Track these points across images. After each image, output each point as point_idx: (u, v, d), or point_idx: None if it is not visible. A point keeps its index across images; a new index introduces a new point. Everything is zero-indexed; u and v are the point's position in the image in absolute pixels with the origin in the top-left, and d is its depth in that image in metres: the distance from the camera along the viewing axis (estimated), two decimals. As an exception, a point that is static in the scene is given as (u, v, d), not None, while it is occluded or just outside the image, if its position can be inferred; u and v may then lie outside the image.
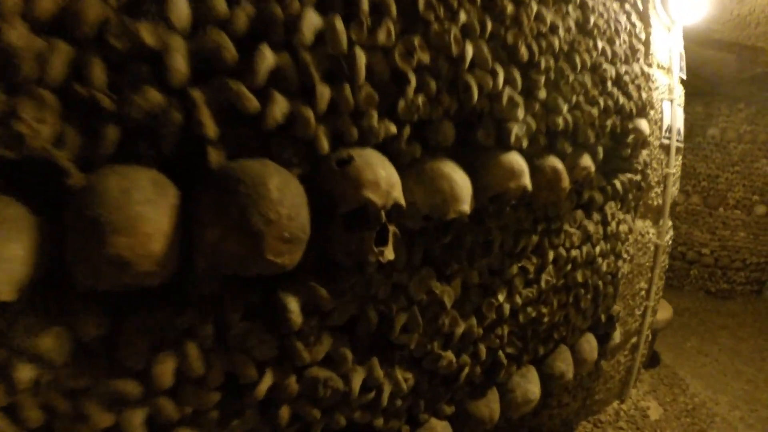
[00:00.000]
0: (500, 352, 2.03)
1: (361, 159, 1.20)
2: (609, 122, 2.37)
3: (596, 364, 3.00)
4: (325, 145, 1.20)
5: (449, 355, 1.74)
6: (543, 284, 2.16)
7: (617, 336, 3.08)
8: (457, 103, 1.49)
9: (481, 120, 1.62)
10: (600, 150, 2.35)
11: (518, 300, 2.03)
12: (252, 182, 1.00)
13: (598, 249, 2.52)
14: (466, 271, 1.74)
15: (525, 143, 1.77)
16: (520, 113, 1.70)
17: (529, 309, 2.10)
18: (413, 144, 1.42)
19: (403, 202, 1.29)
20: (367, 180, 1.17)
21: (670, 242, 3.77)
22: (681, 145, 3.59)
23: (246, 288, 1.16)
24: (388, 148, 1.34)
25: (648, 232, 3.36)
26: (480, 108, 1.57)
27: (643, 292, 3.52)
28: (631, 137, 2.62)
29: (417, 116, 1.38)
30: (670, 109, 3.34)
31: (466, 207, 1.47)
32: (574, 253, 2.33)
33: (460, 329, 1.76)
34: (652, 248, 3.45)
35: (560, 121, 1.95)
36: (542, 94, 1.83)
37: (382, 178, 1.21)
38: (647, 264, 3.45)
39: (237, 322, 1.15)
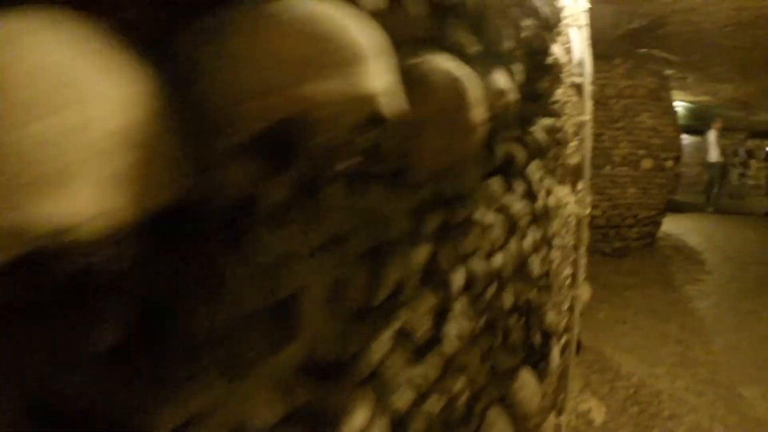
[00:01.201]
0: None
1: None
2: (526, 23, 1.30)
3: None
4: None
5: None
6: (449, 346, 1.01)
7: (556, 354, 2.06)
8: None
9: None
10: (519, 68, 1.27)
11: (400, 403, 0.84)
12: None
13: (529, 240, 1.44)
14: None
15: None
16: None
17: (430, 401, 0.94)
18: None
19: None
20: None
21: (589, 212, 2.87)
22: (591, 87, 2.69)
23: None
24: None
25: (568, 201, 2.39)
26: None
27: (569, 280, 2.57)
28: (551, 58, 1.59)
29: None
30: (579, 39, 2.39)
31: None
32: (498, 260, 1.22)
33: None
34: (573, 222, 2.50)
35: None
36: None
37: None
38: (570, 244, 2.50)
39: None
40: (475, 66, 0.97)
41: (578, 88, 2.37)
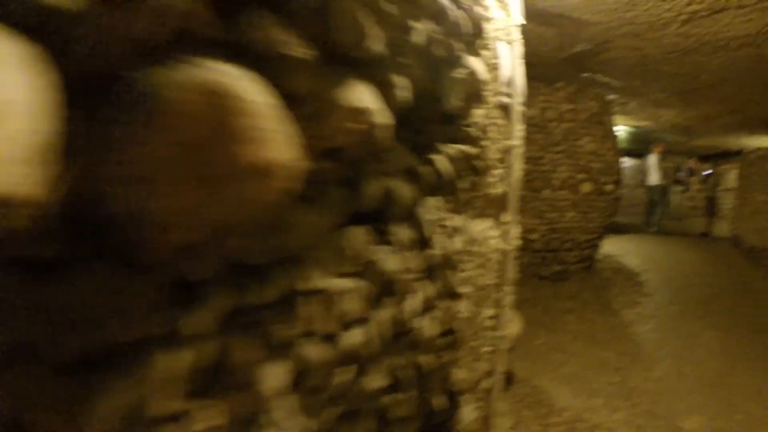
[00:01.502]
0: None
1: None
2: (420, 25, 1.01)
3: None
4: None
5: None
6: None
7: (469, 412, 1.77)
8: None
9: None
10: (404, 83, 0.97)
11: None
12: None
13: (416, 300, 1.15)
14: None
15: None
16: None
17: None
18: None
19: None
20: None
21: (517, 245, 2.63)
22: (523, 108, 2.46)
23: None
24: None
25: (489, 236, 2.13)
26: None
27: (490, 322, 2.30)
28: (464, 72, 1.31)
29: None
30: (510, 55, 2.14)
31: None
32: (355, 337, 0.91)
33: None
34: (496, 258, 2.23)
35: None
36: None
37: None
38: (493, 283, 2.23)
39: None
40: (303, 76, 0.66)
41: (506, 109, 2.12)
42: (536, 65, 6.21)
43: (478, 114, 1.72)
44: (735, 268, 7.76)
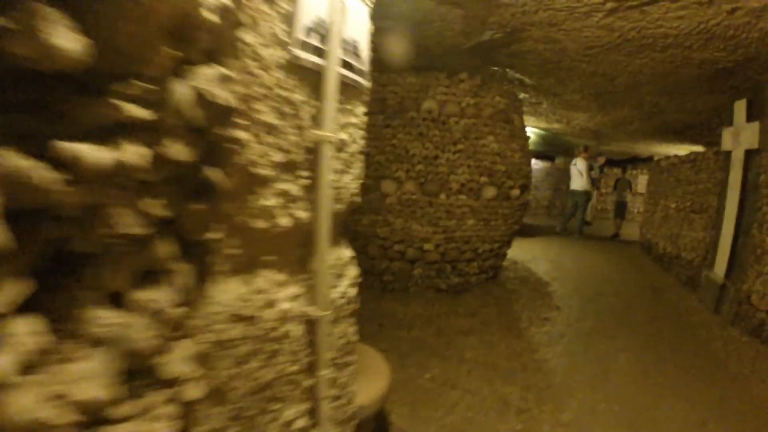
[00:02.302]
0: None
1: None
2: None
3: None
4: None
5: None
6: None
7: None
8: None
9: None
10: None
11: None
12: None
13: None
14: None
15: None
16: None
17: None
18: None
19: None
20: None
21: (352, 296, 1.72)
22: (364, 82, 1.54)
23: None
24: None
25: (274, 300, 1.19)
26: None
27: (301, 421, 1.37)
28: None
29: None
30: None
31: None
32: None
33: None
34: (297, 333, 1.30)
35: None
36: None
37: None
38: (295, 370, 1.29)
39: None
40: None
41: (312, 75, 1.19)
42: (437, 53, 5.44)
43: (210, 75, 0.79)
44: (646, 274, 7.46)
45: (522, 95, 7.25)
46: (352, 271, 1.79)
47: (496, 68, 5.98)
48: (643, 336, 4.71)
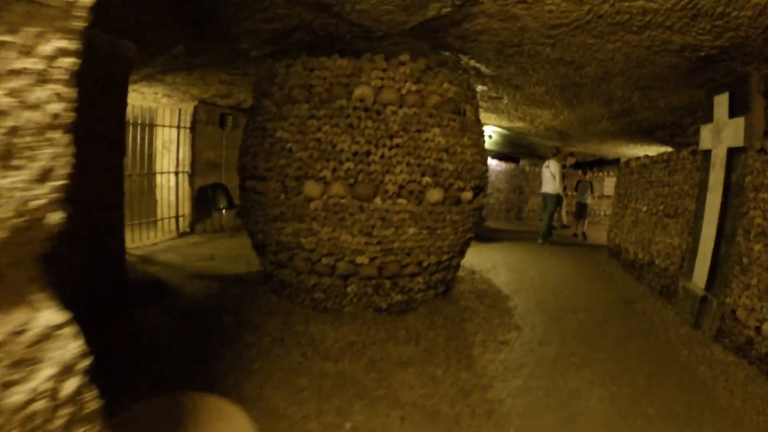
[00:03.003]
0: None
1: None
2: None
3: None
4: None
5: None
6: None
7: None
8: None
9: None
10: None
11: None
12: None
13: None
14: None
15: None
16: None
17: None
18: None
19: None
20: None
21: (69, 396, 0.81)
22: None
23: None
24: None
25: None
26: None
27: None
28: None
29: None
30: None
31: None
32: None
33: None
34: None
35: None
36: None
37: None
38: None
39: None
40: None
41: None
42: (375, 34, 4.56)
43: None
44: (616, 283, 6.72)
45: (480, 87, 6.45)
46: (71, 349, 0.88)
47: (447, 53, 5.16)
48: (617, 362, 3.90)
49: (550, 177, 9.80)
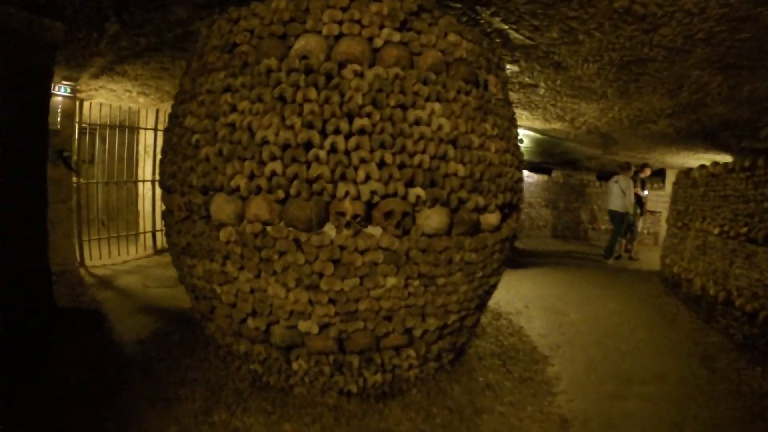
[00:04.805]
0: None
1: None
2: None
3: None
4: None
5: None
6: None
7: None
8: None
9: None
10: None
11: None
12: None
13: None
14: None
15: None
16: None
17: None
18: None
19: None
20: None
21: None
22: None
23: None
24: None
25: None
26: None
27: None
28: None
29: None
30: None
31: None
32: None
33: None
34: None
35: None
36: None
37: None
38: None
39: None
40: None
41: None
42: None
43: None
44: (681, 328, 4.68)
45: (508, 69, 4.63)
46: None
47: (458, 4, 3.38)
48: None
49: (619, 193, 8.77)
